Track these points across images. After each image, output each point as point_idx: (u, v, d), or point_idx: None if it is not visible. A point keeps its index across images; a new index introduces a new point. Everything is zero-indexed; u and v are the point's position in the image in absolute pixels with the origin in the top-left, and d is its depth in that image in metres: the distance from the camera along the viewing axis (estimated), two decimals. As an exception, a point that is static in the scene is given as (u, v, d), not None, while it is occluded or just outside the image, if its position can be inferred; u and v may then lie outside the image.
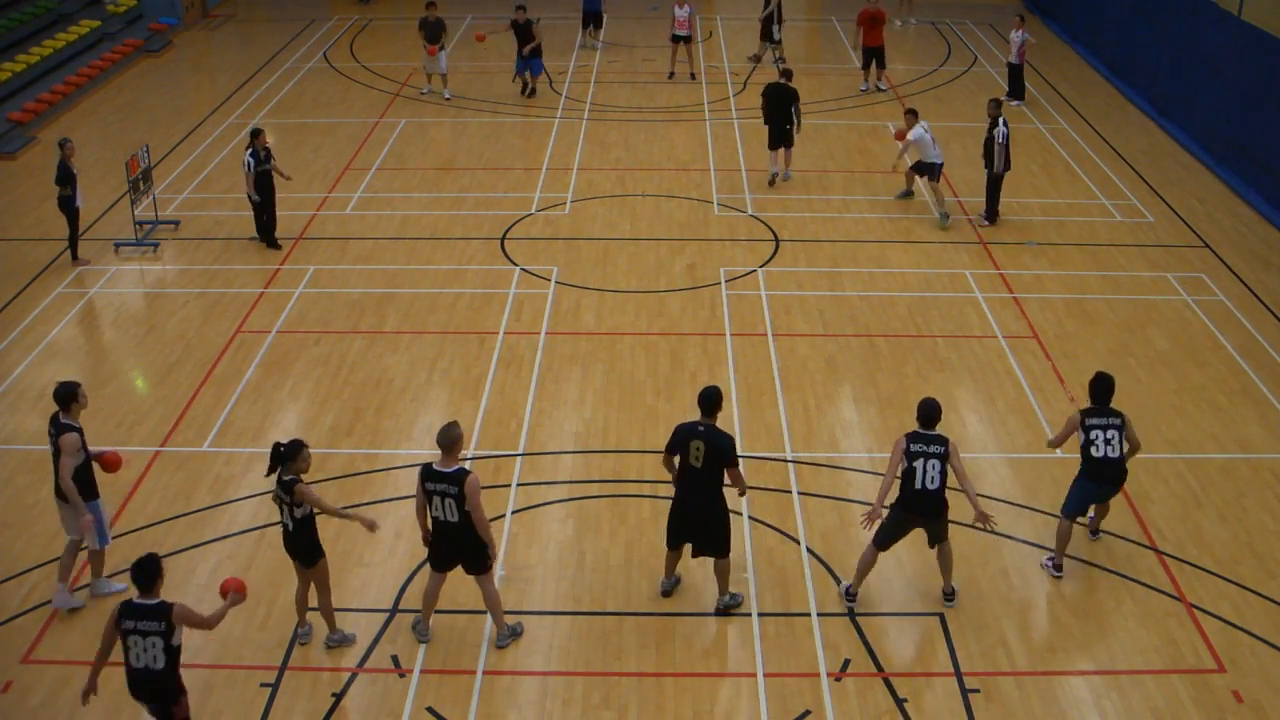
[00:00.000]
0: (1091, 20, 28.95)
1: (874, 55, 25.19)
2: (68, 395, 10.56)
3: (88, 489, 10.60)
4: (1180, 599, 11.10)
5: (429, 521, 10.12)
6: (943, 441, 10.51)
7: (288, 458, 9.90)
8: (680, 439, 10.42)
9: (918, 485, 10.42)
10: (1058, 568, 11.30)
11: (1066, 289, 16.98)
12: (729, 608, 10.86)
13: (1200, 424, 13.80)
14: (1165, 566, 11.43)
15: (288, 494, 9.92)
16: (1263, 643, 10.59)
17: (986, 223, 18.89)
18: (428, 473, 9.85)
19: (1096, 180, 21.04)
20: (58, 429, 10.53)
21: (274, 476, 9.99)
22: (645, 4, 32.73)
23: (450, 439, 9.80)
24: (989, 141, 18.42)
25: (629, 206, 19.74)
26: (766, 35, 26.83)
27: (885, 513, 10.59)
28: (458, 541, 10.01)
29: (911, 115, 19.06)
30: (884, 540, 10.74)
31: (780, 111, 20.13)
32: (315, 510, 10.08)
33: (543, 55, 24.99)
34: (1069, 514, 11.26)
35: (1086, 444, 11.02)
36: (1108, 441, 10.95)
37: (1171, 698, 9.99)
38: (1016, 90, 24.73)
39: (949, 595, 10.98)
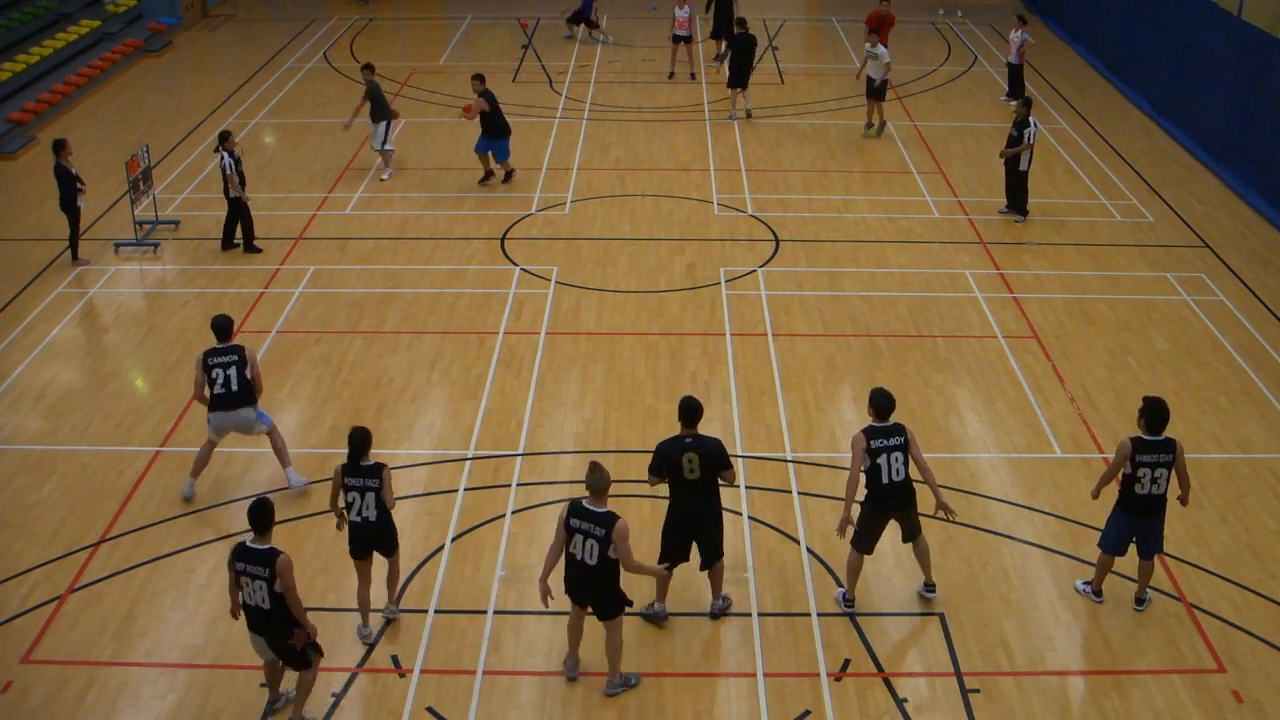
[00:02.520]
0: (1091, 20, 28.97)
1: None
2: (227, 325, 12.32)
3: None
4: (1180, 599, 11.10)
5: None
6: (901, 431, 10.39)
7: (366, 443, 10.24)
8: (668, 457, 10.28)
9: (885, 480, 10.33)
10: (1097, 593, 11.00)
11: (1066, 289, 16.98)
12: (725, 611, 10.86)
13: (1200, 424, 13.79)
14: (1165, 566, 11.42)
15: (374, 478, 10.20)
16: (1263, 643, 10.59)
17: (1021, 218, 19.05)
18: (575, 509, 9.56)
19: (1096, 180, 21.04)
20: (230, 350, 12.17)
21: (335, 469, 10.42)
22: (645, 4, 32.73)
23: (602, 483, 9.46)
24: (1016, 139, 18.57)
25: (629, 206, 19.74)
26: (722, 34, 27.06)
27: (855, 516, 10.50)
28: (594, 583, 9.69)
29: (875, 34, 22.63)
30: (865, 543, 10.67)
31: (749, 57, 23.39)
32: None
33: (509, 136, 20.32)
34: (1109, 551, 10.80)
35: (1132, 478, 10.37)
36: (1154, 480, 10.33)
37: (1171, 698, 9.99)
38: (1016, 90, 24.74)
39: (930, 588, 10.96)
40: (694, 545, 10.63)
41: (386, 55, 28.18)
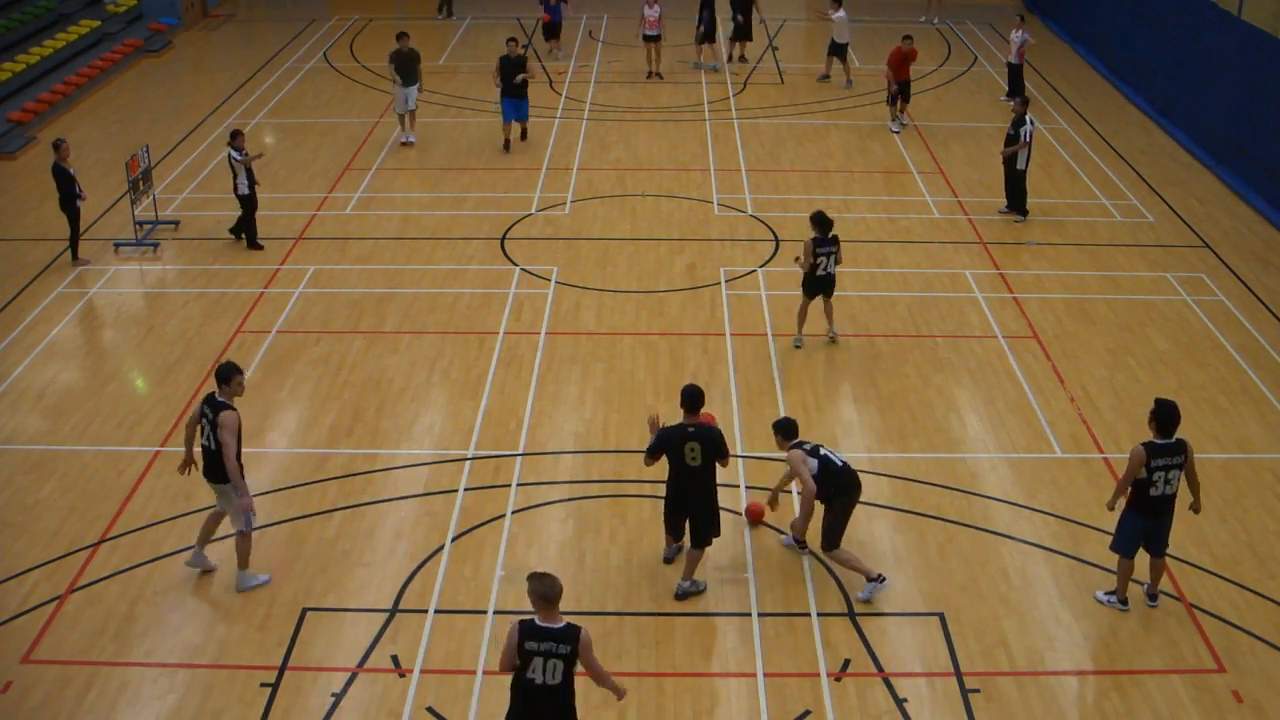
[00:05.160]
0: (1091, 20, 28.97)
1: (903, 89, 23.36)
2: (225, 374, 10.65)
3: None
4: (1180, 599, 11.10)
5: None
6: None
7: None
8: (670, 442, 10.60)
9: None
10: (1123, 601, 10.93)
11: (1066, 289, 16.98)
12: (688, 594, 10.97)
13: (1200, 424, 13.79)
14: (1165, 566, 11.40)
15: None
16: (1263, 643, 10.59)
17: (1020, 218, 19.07)
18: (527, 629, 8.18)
19: (1096, 180, 21.04)
20: (213, 407, 10.56)
21: None
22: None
23: (553, 590, 8.16)
24: (1012, 137, 18.63)
25: (629, 206, 19.74)
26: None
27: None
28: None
29: (836, 2, 24.98)
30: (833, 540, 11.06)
31: (746, 9, 26.39)
32: None
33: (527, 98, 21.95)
34: (1123, 553, 10.74)
35: (1146, 482, 10.36)
36: (1168, 482, 10.36)
37: (1171, 698, 9.99)
38: (1016, 90, 24.71)
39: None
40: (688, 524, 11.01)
41: (386, 55, 28.13)
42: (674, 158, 21.88)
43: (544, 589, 8.09)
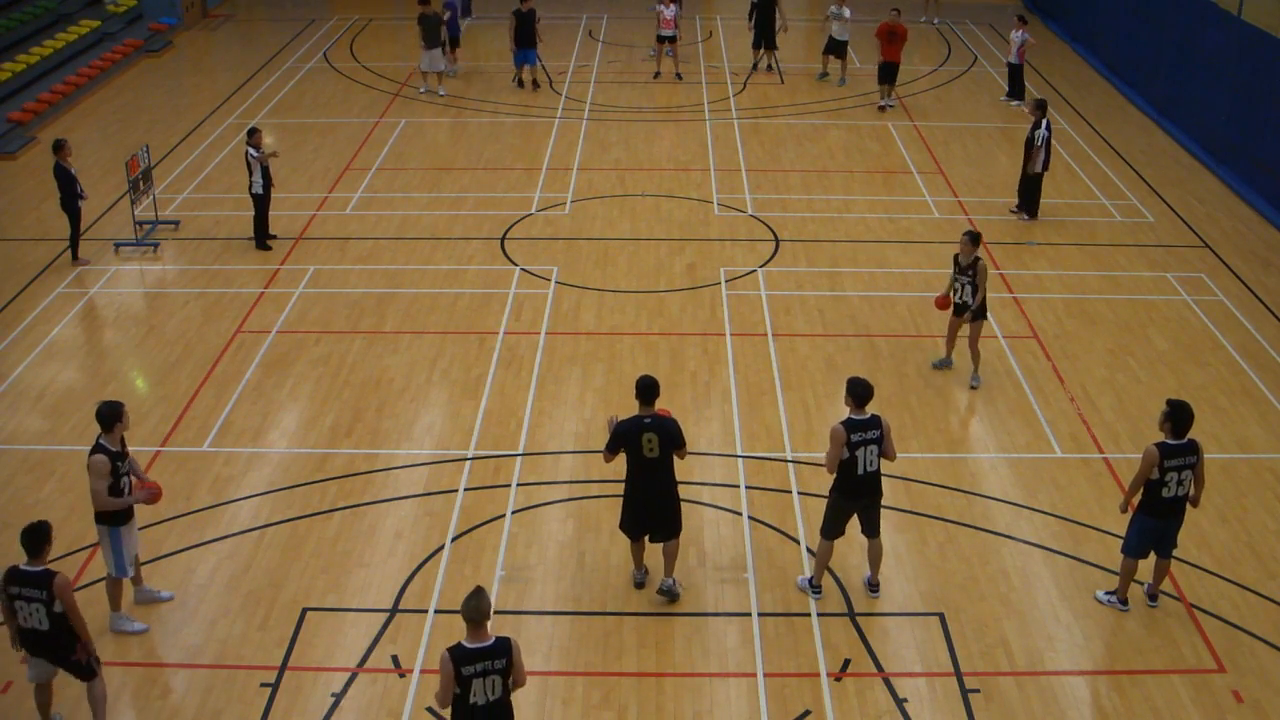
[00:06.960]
0: (1091, 20, 28.97)
1: (889, 71, 24.09)
2: (109, 416, 10.40)
3: (110, 514, 10.38)
4: (1180, 599, 11.10)
5: None
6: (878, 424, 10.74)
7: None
8: (628, 436, 10.50)
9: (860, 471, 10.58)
10: (1123, 602, 10.93)
11: (1066, 289, 16.98)
12: (671, 591, 10.91)
13: (1200, 424, 13.74)
14: (1169, 567, 11.40)
15: None
16: (1263, 643, 10.60)
17: (1027, 218, 19.11)
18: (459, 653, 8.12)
19: (1096, 180, 21.04)
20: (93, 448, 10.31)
21: None
22: (646, 4, 32.73)
23: (479, 612, 8.10)
24: (1029, 141, 18.64)
25: (629, 206, 19.74)
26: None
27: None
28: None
29: (838, 2, 25.05)
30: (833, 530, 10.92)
31: (768, 16, 25.94)
32: None
33: (537, 47, 25.06)
34: (1132, 555, 10.73)
35: (1159, 483, 10.33)
36: (1180, 483, 10.33)
37: (1171, 698, 10.00)
38: (1016, 90, 24.74)
39: (873, 587, 11.08)
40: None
41: (386, 55, 28.20)
42: (674, 158, 21.88)
43: (479, 611, 7.97)
